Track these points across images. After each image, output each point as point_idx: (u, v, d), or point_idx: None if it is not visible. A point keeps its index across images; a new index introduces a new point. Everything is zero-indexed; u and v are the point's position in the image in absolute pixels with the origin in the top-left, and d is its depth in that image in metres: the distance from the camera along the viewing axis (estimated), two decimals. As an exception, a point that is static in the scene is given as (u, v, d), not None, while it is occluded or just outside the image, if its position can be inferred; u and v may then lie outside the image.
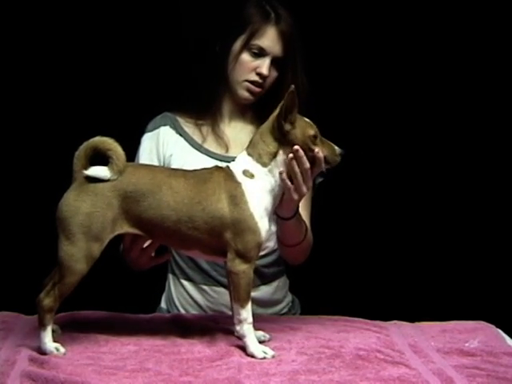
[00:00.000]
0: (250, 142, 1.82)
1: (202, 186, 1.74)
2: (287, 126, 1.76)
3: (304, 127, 1.78)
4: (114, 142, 1.71)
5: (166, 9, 2.57)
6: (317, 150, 1.78)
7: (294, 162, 1.77)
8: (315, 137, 1.79)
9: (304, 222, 2.09)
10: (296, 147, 1.76)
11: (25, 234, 2.61)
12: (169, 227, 1.72)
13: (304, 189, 1.82)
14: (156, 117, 2.26)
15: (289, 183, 1.79)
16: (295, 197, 1.83)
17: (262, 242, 1.75)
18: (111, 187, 1.70)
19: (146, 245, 1.87)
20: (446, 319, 2.02)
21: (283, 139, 1.77)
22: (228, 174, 1.77)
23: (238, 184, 1.75)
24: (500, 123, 2.72)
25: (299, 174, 1.79)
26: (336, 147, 1.82)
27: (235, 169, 1.77)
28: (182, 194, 1.73)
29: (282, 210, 1.92)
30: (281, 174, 1.77)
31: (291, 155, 1.76)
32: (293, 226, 2.01)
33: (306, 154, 1.77)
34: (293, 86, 1.75)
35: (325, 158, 1.80)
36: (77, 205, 1.68)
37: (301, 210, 2.05)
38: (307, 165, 1.78)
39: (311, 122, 1.80)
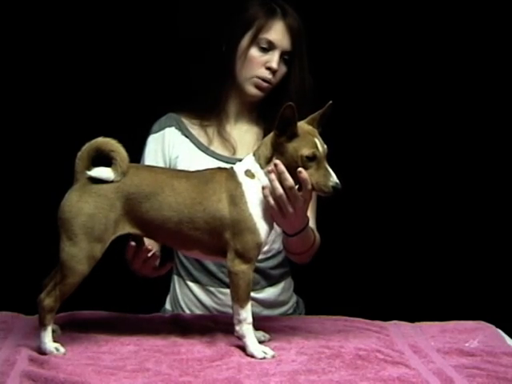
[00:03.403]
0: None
1: (203, 187, 1.74)
2: (281, 139, 1.72)
3: (301, 145, 1.71)
4: (117, 143, 1.71)
5: (171, 9, 2.57)
6: (299, 169, 1.70)
7: (273, 176, 1.72)
8: (310, 158, 1.71)
9: (312, 230, 2.05)
10: (276, 161, 1.72)
11: (25, 234, 2.61)
12: (170, 228, 1.72)
13: (289, 209, 1.74)
14: (161, 118, 2.25)
15: (271, 201, 1.73)
16: (279, 218, 1.76)
17: (261, 242, 1.74)
18: (114, 188, 1.70)
19: (149, 254, 1.86)
20: (445, 319, 2.02)
21: (277, 148, 1.73)
22: (230, 174, 1.76)
23: (239, 184, 1.74)
24: (500, 123, 2.72)
25: (279, 191, 1.72)
26: (332, 178, 1.71)
27: (238, 169, 1.77)
28: (184, 195, 1.73)
29: (278, 226, 1.88)
30: (263, 188, 1.73)
31: (270, 168, 1.72)
32: (297, 240, 1.96)
33: (291, 172, 1.71)
34: (292, 103, 1.68)
35: (315, 183, 1.72)
36: (79, 206, 1.68)
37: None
38: (289, 181, 1.71)
39: (318, 143, 1.72)
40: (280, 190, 1.72)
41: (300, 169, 1.70)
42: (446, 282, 2.74)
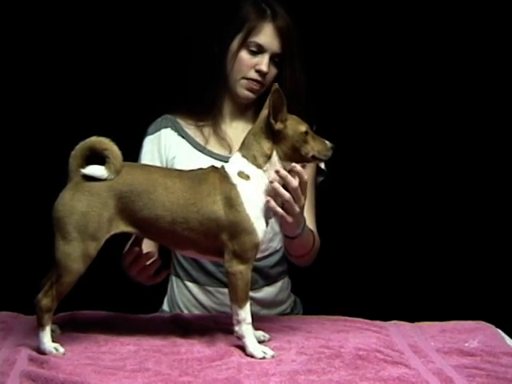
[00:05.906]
0: (243, 143, 1.81)
1: (197, 187, 1.74)
2: (279, 125, 1.75)
3: (294, 125, 1.77)
4: (109, 142, 1.71)
5: (165, 10, 2.57)
6: (293, 164, 1.77)
7: (277, 184, 1.75)
8: (306, 133, 1.78)
9: (311, 231, 2.08)
10: (277, 169, 1.76)
11: (24, 234, 2.61)
12: (164, 227, 1.72)
13: (296, 208, 1.80)
14: (157, 119, 2.26)
15: (279, 210, 1.77)
16: (289, 220, 1.81)
17: (258, 242, 1.74)
18: (107, 187, 1.70)
19: (149, 262, 1.88)
20: (445, 319, 2.02)
21: (276, 139, 1.76)
22: (223, 175, 1.76)
23: (233, 186, 1.74)
24: (500, 123, 2.72)
25: (287, 196, 1.77)
26: (327, 142, 1.81)
27: (230, 170, 1.77)
28: (177, 194, 1.73)
29: (285, 231, 1.91)
30: (268, 202, 1.75)
31: (272, 177, 1.75)
32: (299, 242, 2.00)
33: (298, 152, 1.77)
34: (276, 84, 1.74)
35: (317, 153, 1.79)
36: (72, 204, 1.68)
37: (305, 212, 2.03)
38: (294, 183, 1.77)
39: (301, 120, 1.80)
40: (287, 194, 1.77)
41: (293, 164, 1.77)
42: (445, 282, 2.74)
